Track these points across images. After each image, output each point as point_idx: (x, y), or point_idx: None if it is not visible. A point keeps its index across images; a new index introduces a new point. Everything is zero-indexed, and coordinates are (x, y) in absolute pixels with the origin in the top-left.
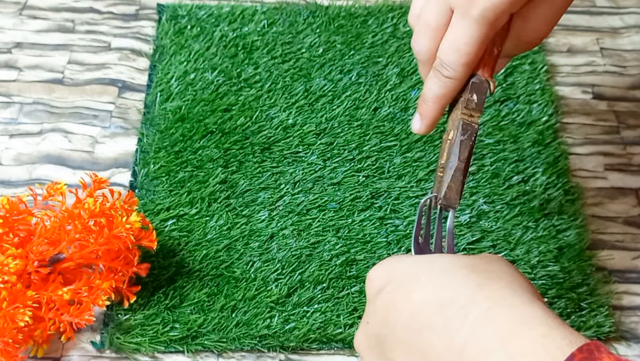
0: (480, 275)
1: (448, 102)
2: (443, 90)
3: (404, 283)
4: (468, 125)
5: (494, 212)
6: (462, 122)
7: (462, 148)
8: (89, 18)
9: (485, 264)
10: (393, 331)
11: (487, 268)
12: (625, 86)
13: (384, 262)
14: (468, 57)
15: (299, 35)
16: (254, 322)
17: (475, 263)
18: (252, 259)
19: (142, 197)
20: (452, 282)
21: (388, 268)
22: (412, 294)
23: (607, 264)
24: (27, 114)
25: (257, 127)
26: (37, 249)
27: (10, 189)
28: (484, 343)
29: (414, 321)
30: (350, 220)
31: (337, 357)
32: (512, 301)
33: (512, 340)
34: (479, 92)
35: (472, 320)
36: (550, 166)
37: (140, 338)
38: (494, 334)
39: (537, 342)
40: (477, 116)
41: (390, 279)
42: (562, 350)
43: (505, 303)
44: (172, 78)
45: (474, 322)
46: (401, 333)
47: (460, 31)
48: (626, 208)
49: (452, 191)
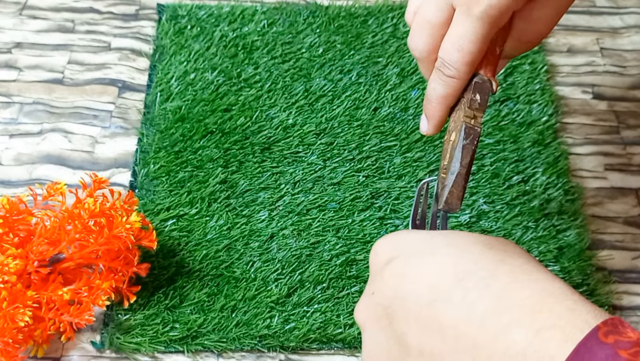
0: (498, 252)
1: (453, 101)
2: (447, 90)
3: (417, 254)
4: (471, 129)
5: (494, 212)
6: (464, 125)
7: (464, 153)
8: (89, 18)
9: (501, 244)
10: (403, 303)
11: (504, 247)
12: (625, 86)
13: (390, 235)
14: (471, 56)
15: (299, 35)
16: (254, 322)
17: (490, 241)
18: (252, 259)
19: (142, 197)
20: (469, 256)
21: (396, 241)
22: (427, 266)
23: (607, 264)
24: (27, 114)
25: (257, 127)
26: (37, 249)
27: (10, 189)
28: (506, 315)
29: (429, 293)
30: (350, 220)
31: (337, 357)
32: (537, 276)
33: (537, 313)
34: (482, 92)
35: (493, 292)
36: (550, 166)
37: (140, 338)
38: (518, 306)
39: (563, 315)
40: (480, 116)
41: (400, 251)
42: (588, 323)
43: (529, 277)
44: (172, 78)
45: (496, 294)
46: (414, 306)
47: (463, 29)
48: (626, 208)
49: (453, 197)
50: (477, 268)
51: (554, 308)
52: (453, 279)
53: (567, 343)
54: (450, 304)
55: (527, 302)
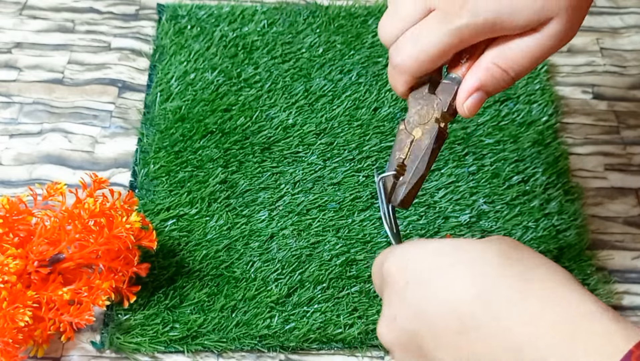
0: (516, 265)
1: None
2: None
3: (435, 271)
4: (442, 132)
5: (494, 212)
6: (438, 128)
7: (431, 156)
8: (89, 18)
9: (513, 250)
10: (431, 329)
11: (518, 256)
12: (625, 86)
13: (398, 250)
14: (425, 56)
15: (299, 35)
16: (254, 322)
17: (503, 250)
18: (252, 259)
19: (142, 197)
20: (490, 273)
21: (407, 259)
22: (448, 287)
23: (607, 264)
24: (27, 114)
25: (257, 127)
26: (37, 249)
27: (10, 189)
28: (542, 346)
29: (457, 319)
30: (350, 220)
31: (337, 357)
32: (568, 298)
33: (570, 341)
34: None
35: (526, 320)
36: (550, 166)
37: (140, 338)
38: (552, 335)
39: (597, 341)
40: (450, 120)
41: (416, 270)
42: (620, 348)
43: (559, 301)
44: (172, 78)
45: (530, 321)
46: (444, 334)
47: (430, 32)
48: (626, 208)
49: (410, 197)
50: (502, 289)
51: (589, 333)
52: (479, 304)
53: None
54: (482, 333)
55: (560, 328)
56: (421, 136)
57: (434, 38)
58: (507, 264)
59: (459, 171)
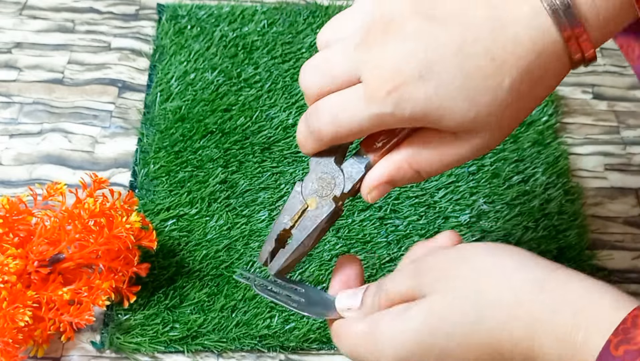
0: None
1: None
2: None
3: (452, 283)
4: (338, 211)
5: (494, 212)
6: (334, 208)
7: (321, 233)
8: (89, 18)
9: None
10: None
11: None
12: (625, 86)
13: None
14: (343, 132)
15: (299, 35)
16: (254, 322)
17: (506, 255)
18: (252, 259)
19: (142, 197)
20: (506, 284)
21: (415, 273)
22: (468, 301)
23: (607, 264)
24: (27, 114)
25: (257, 127)
26: (37, 249)
27: (10, 189)
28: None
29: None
30: (350, 220)
31: (337, 357)
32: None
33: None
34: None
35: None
36: (550, 166)
37: (140, 338)
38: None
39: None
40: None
41: (426, 285)
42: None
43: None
44: (172, 78)
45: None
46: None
47: (352, 110)
48: (626, 208)
49: (289, 268)
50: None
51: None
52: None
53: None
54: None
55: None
56: (315, 209)
57: (355, 118)
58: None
59: (459, 171)
